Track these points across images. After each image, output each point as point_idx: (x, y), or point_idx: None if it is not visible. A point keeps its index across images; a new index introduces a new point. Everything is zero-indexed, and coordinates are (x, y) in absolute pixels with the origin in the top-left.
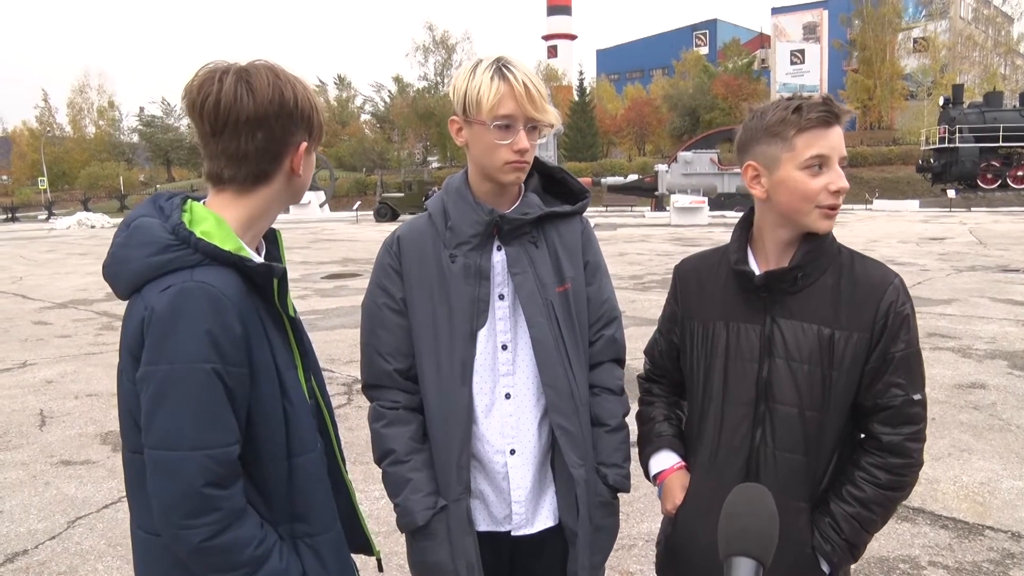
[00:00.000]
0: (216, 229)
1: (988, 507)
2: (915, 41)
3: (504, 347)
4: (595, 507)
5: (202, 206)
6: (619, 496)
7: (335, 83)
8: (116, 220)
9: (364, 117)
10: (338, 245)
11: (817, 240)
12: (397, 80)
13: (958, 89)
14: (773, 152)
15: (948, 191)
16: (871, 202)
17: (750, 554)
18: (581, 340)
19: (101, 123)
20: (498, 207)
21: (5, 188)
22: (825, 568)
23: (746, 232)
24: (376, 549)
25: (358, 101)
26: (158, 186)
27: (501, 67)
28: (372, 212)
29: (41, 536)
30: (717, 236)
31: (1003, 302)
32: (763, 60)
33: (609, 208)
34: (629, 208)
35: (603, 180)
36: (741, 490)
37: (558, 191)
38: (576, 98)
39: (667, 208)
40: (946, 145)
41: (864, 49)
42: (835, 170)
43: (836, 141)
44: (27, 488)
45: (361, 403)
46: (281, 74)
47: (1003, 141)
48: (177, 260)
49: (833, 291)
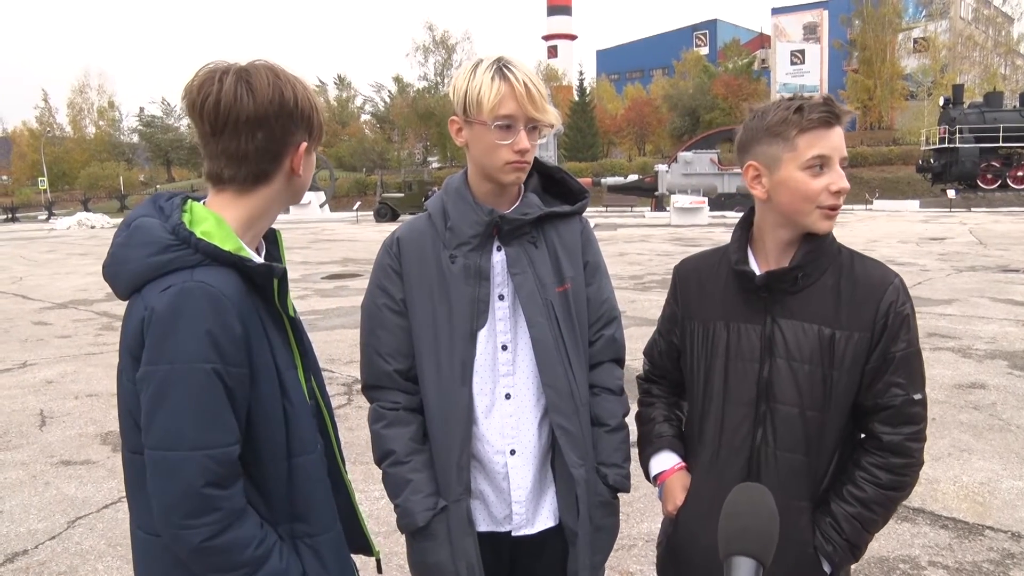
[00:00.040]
0: (216, 229)
1: (988, 507)
2: (915, 41)
3: (504, 347)
4: (595, 507)
5: (202, 206)
6: (619, 496)
7: (335, 83)
8: (116, 220)
9: (364, 117)
10: (338, 245)
11: (817, 240)
12: (397, 80)
13: (958, 89)
14: (774, 152)
15: (948, 191)
16: (871, 202)
17: (750, 553)
18: (581, 340)
19: (101, 123)
20: (498, 207)
21: (5, 188)
22: (826, 568)
23: (746, 232)
24: (376, 549)
25: (358, 101)
26: (158, 186)
27: (502, 67)
28: (372, 212)
29: (41, 536)
30: (717, 236)
31: (1003, 302)
32: (763, 60)
33: (609, 208)
34: (629, 208)
35: (603, 180)
36: (741, 490)
37: (557, 191)
38: (576, 98)
39: (667, 208)
40: (946, 145)
41: (864, 49)
42: (836, 170)
43: (837, 141)
44: (27, 488)
45: (361, 403)
46: (281, 74)
47: (1003, 141)
48: (177, 260)
49: (833, 291)
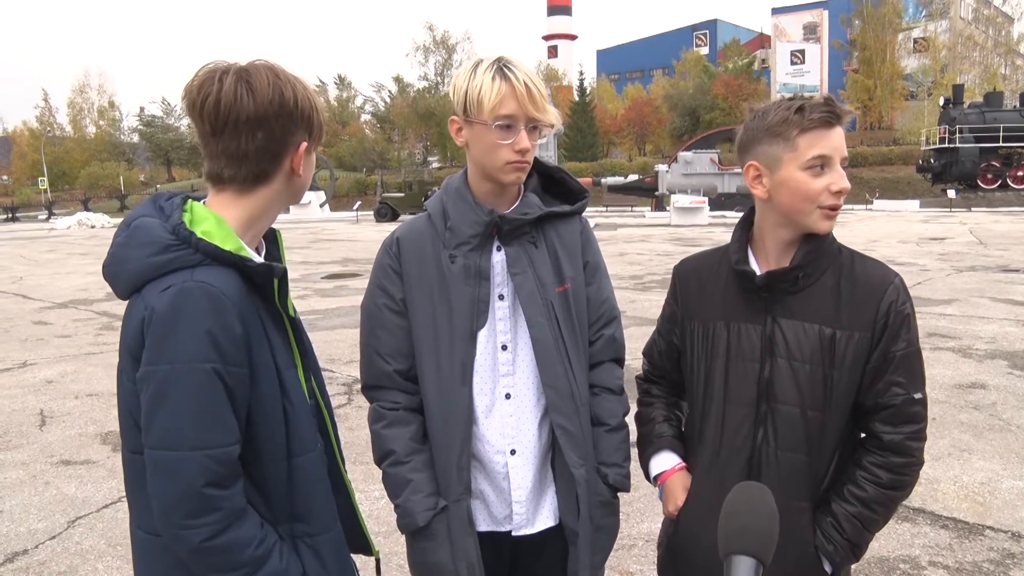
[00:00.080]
0: (216, 229)
1: (988, 507)
2: (915, 41)
3: (504, 347)
4: (596, 507)
5: (202, 206)
6: (619, 496)
7: (335, 83)
8: (116, 220)
9: (364, 117)
10: (338, 245)
11: (817, 240)
12: (397, 80)
13: (958, 89)
14: (775, 152)
15: (948, 191)
16: (871, 202)
17: (750, 552)
18: (581, 340)
19: (101, 123)
20: (498, 207)
21: (5, 188)
22: (827, 568)
23: (746, 232)
24: (375, 549)
25: (358, 101)
26: (158, 186)
27: (502, 67)
28: (372, 212)
29: (41, 536)
30: (717, 236)
31: (1003, 302)
32: (763, 60)
33: (609, 208)
34: (629, 208)
35: (603, 180)
36: (741, 488)
37: (557, 191)
38: (576, 98)
39: (667, 208)
40: (946, 145)
41: (864, 49)
42: (837, 170)
43: (838, 141)
44: (27, 488)
45: (361, 403)
46: (281, 74)
47: (1003, 141)
48: (177, 260)
49: (834, 291)
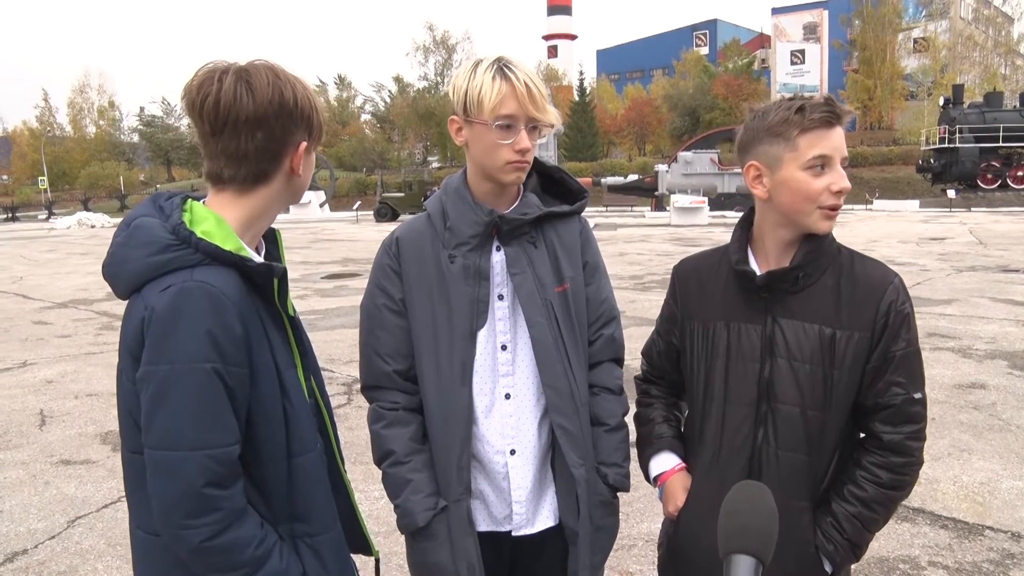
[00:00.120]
0: (216, 229)
1: (988, 507)
2: (915, 41)
3: (504, 347)
4: (595, 507)
5: (202, 206)
6: (619, 496)
7: (335, 83)
8: (116, 220)
9: (364, 117)
10: (338, 245)
11: (817, 240)
12: (397, 80)
13: (958, 89)
14: (775, 152)
15: (948, 191)
16: (871, 202)
17: (749, 551)
18: (581, 340)
19: (101, 123)
20: (497, 207)
21: (5, 188)
22: (827, 568)
23: (746, 232)
24: (375, 549)
25: (358, 101)
26: (158, 186)
27: (502, 67)
28: (372, 212)
29: (41, 536)
30: (717, 236)
31: (1003, 302)
32: (763, 60)
33: (609, 208)
34: (629, 208)
35: (603, 180)
36: (741, 488)
37: (556, 191)
38: (576, 98)
39: (667, 208)
40: (946, 145)
41: (864, 49)
42: (837, 170)
43: (838, 141)
44: (27, 488)
45: (361, 403)
46: (281, 74)
47: (1003, 141)
48: (177, 260)
49: (834, 291)
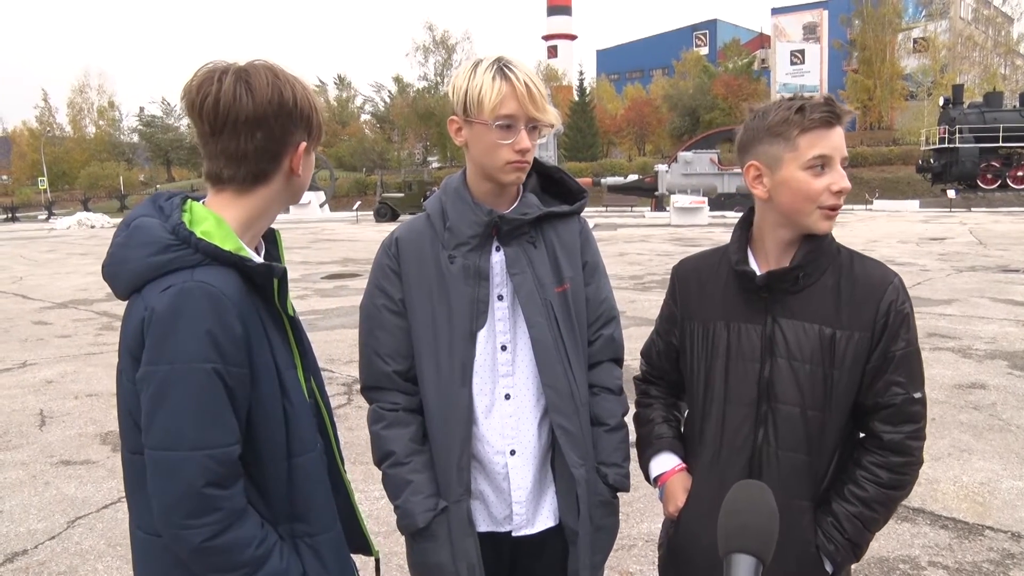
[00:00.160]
0: (216, 229)
1: (988, 507)
2: (915, 41)
3: (503, 348)
4: (595, 507)
5: (202, 206)
6: (619, 496)
7: (335, 83)
8: (116, 220)
9: (364, 117)
10: (338, 245)
11: (817, 240)
12: (397, 80)
13: (958, 89)
14: (776, 152)
15: (948, 191)
16: (871, 202)
17: (750, 551)
18: (580, 340)
19: (101, 123)
20: (497, 207)
21: (5, 188)
22: (828, 567)
23: (746, 232)
24: (375, 550)
25: (358, 101)
26: (158, 186)
27: (502, 67)
28: (372, 212)
29: (41, 536)
30: (717, 236)
31: (1003, 302)
32: (763, 60)
33: (609, 208)
34: (629, 208)
35: (603, 180)
36: (741, 487)
37: (556, 191)
38: (576, 98)
39: (667, 208)
40: (946, 145)
41: (864, 49)
42: (837, 170)
43: (838, 141)
44: (27, 488)
45: (361, 403)
46: (280, 74)
47: (1003, 141)
48: (177, 260)
49: (833, 291)
